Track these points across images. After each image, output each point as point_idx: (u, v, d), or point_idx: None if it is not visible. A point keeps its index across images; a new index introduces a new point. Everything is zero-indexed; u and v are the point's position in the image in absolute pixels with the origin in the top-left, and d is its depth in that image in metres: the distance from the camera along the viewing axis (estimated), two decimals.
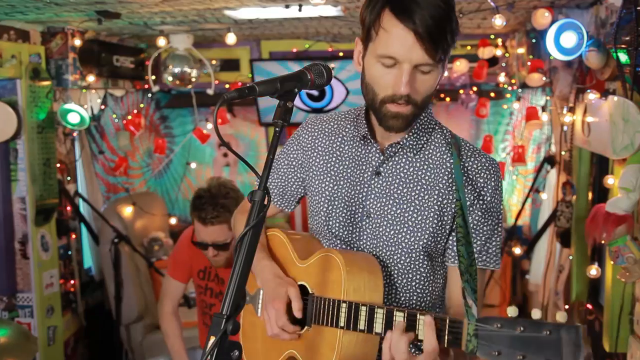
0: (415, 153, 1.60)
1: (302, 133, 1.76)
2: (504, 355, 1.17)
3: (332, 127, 1.73)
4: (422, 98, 1.48)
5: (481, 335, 1.21)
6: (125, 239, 4.03)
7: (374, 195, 1.62)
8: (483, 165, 1.58)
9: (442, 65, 1.46)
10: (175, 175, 5.39)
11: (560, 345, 1.11)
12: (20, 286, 3.74)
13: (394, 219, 1.60)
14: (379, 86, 1.48)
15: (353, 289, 1.51)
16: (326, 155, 1.70)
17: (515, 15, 3.55)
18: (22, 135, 3.62)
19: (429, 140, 1.62)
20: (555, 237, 3.72)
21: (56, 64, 3.87)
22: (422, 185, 1.59)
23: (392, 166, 1.61)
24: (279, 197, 1.82)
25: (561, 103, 3.51)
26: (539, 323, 1.14)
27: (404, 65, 1.42)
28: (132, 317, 4.18)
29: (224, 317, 1.27)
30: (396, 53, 1.42)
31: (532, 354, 1.14)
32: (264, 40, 4.64)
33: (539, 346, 1.14)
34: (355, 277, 1.52)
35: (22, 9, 3.16)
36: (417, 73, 1.44)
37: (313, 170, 1.72)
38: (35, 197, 3.68)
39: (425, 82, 1.46)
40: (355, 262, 1.55)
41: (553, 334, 1.12)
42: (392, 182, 1.60)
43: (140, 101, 4.91)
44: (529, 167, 4.63)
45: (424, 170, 1.60)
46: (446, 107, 4.96)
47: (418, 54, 1.40)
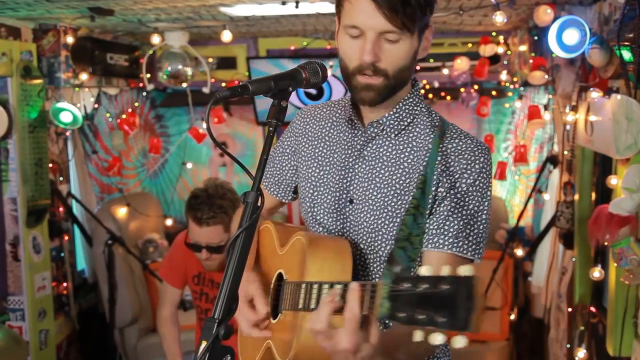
0: (397, 134, 1.56)
1: (295, 120, 1.77)
2: (408, 316, 1.07)
3: (324, 113, 1.72)
4: (394, 69, 1.46)
5: (393, 297, 1.11)
6: (119, 240, 3.96)
7: (358, 179, 1.58)
8: (468, 146, 1.52)
9: (416, 35, 1.45)
10: (170, 175, 5.32)
11: (456, 300, 1.01)
12: (11, 289, 3.67)
13: (374, 204, 1.55)
14: (348, 58, 1.49)
15: (316, 269, 1.45)
16: (315, 140, 1.69)
17: (517, 12, 3.49)
18: (13, 135, 3.55)
19: (413, 122, 1.57)
20: (557, 238, 3.66)
21: (48, 62, 3.80)
22: (403, 169, 1.55)
23: (375, 149, 1.57)
24: (276, 187, 1.81)
25: (564, 101, 3.44)
26: (439, 278, 1.04)
27: (367, 33, 1.43)
28: (126, 320, 4.11)
29: (215, 321, 1.25)
30: (358, 22, 1.43)
31: (433, 312, 1.03)
32: (261, 37, 4.58)
33: (439, 303, 1.03)
34: (319, 258, 1.47)
35: (12, 5, 3.10)
36: (384, 42, 1.44)
37: (302, 156, 1.71)
38: (27, 197, 3.61)
39: (393, 52, 1.45)
40: (321, 243, 1.50)
41: (450, 288, 1.02)
42: (374, 166, 1.57)
43: (134, 100, 4.84)
44: (531, 167, 4.56)
45: (406, 153, 1.56)
46: (447, 105, 4.90)
47: (379, 21, 1.41)
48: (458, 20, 3.84)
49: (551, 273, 3.85)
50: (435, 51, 4.46)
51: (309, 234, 1.54)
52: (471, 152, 1.51)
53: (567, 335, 3.54)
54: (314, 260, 1.46)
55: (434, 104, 4.65)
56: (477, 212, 1.51)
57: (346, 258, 1.48)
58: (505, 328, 4.14)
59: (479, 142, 1.55)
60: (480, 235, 1.52)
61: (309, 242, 1.49)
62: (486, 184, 1.52)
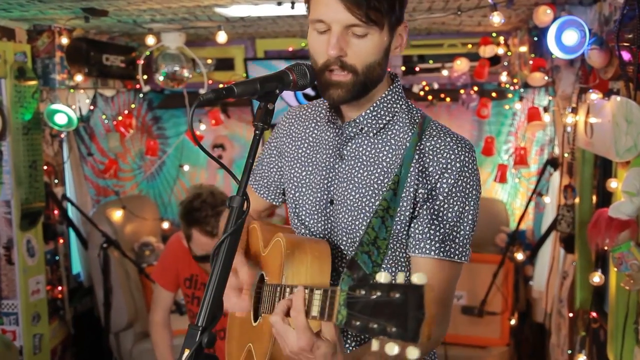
0: (375, 133, 1.52)
1: (281, 121, 1.74)
2: (362, 325, 1.03)
3: (308, 113, 1.68)
4: (362, 64, 1.42)
5: (350, 304, 1.06)
6: (114, 243, 3.93)
7: (338, 180, 1.55)
8: (447, 144, 1.45)
9: (386, 30, 1.41)
10: (168, 177, 5.28)
11: (406, 308, 0.97)
12: (5, 292, 3.63)
13: (353, 205, 1.52)
14: (316, 54, 1.45)
15: (292, 272, 1.43)
16: (298, 141, 1.66)
17: (517, 12, 3.45)
18: (7, 137, 3.52)
19: (392, 120, 1.52)
20: (558, 242, 3.60)
21: (43, 63, 3.77)
22: (381, 169, 1.50)
23: (354, 149, 1.54)
24: (265, 189, 1.78)
25: (564, 103, 3.39)
26: (391, 286, 1.00)
27: (333, 27, 1.39)
28: (122, 324, 4.07)
29: (199, 328, 1.23)
30: (323, 15, 1.39)
31: (385, 322, 0.99)
32: (259, 39, 4.54)
33: (391, 311, 0.99)
34: (295, 260, 1.43)
35: (5, 5, 3.07)
36: (351, 37, 1.40)
37: (286, 157, 1.68)
38: (21, 200, 3.58)
39: (361, 46, 1.40)
40: (298, 246, 1.46)
41: (402, 296, 0.98)
42: (353, 166, 1.53)
43: (131, 101, 4.80)
44: (532, 169, 4.51)
45: (385, 152, 1.51)
46: (447, 107, 4.85)
47: (343, 15, 1.36)
48: (457, 21, 3.80)
49: (552, 277, 3.79)
50: (435, 52, 4.42)
51: (287, 236, 1.49)
52: (450, 151, 1.45)
53: (568, 341, 3.49)
54: (291, 263, 1.43)
55: (433, 105, 4.60)
56: (463, 213, 1.45)
57: (324, 262, 1.45)
58: (506, 333, 4.08)
59: (460, 139, 1.48)
60: (466, 236, 1.47)
61: (286, 244, 1.45)
62: (470, 182, 1.46)
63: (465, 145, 1.47)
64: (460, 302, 4.09)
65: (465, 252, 1.47)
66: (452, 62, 4.19)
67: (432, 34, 4.35)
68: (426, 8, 3.30)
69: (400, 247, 1.51)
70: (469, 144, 1.49)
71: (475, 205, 1.48)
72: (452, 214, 1.44)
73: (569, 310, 3.47)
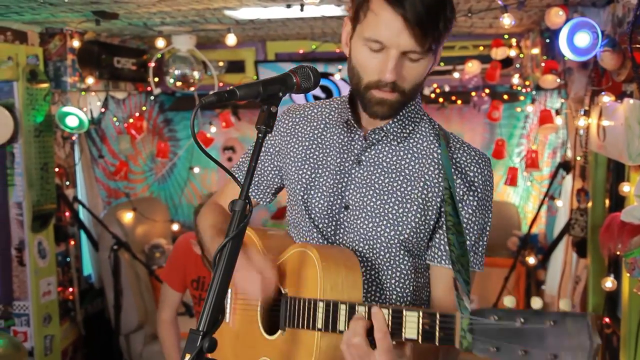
0: (399, 141, 1.51)
1: (281, 119, 1.68)
2: (503, 351, 1.03)
3: (315, 114, 1.65)
4: (411, 86, 1.42)
5: (477, 329, 1.07)
6: (124, 245, 3.94)
7: (354, 185, 1.52)
8: (472, 158, 1.48)
9: (433, 53, 1.40)
10: (179, 179, 5.29)
11: (567, 336, 0.97)
12: (17, 294, 3.66)
13: (373, 211, 1.49)
14: (365, 70, 1.41)
15: (330, 286, 1.39)
16: (306, 141, 1.62)
17: (529, 14, 3.42)
18: (19, 139, 3.55)
19: (415, 130, 1.53)
20: (571, 246, 3.56)
21: (55, 66, 3.79)
22: (405, 176, 1.49)
23: (374, 155, 1.52)
24: (254, 187, 1.74)
25: (576, 106, 3.35)
26: (541, 313, 1.00)
27: (391, 50, 1.35)
28: (132, 326, 4.08)
29: (200, 333, 1.22)
30: (383, 38, 1.35)
31: (535, 349, 0.99)
32: (269, 41, 4.54)
33: (543, 339, 0.99)
34: (332, 273, 1.40)
35: (17, 9, 3.08)
36: (406, 60, 1.38)
37: (290, 157, 1.64)
38: (32, 202, 3.61)
39: (413, 70, 1.40)
40: (331, 257, 1.43)
41: (558, 324, 0.98)
42: (373, 172, 1.51)
43: (143, 104, 4.82)
44: (544, 172, 4.46)
45: (408, 159, 1.50)
46: (459, 110, 4.82)
47: (406, 41, 1.34)
48: (468, 23, 3.77)
49: (564, 282, 3.75)
50: (446, 54, 4.39)
51: (315, 247, 1.46)
52: (476, 165, 1.48)
53: None
54: (328, 276, 1.40)
55: (445, 108, 4.58)
56: (484, 225, 1.49)
57: (356, 273, 1.43)
58: None
59: (481, 153, 1.52)
60: (485, 246, 1.50)
61: (320, 257, 1.42)
62: (490, 195, 1.50)
63: (487, 158, 1.51)
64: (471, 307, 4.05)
65: (482, 262, 1.50)
66: (464, 64, 4.16)
67: None
68: None
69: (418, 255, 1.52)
70: (488, 157, 1.53)
71: (491, 216, 1.52)
72: (477, 227, 1.46)
73: None
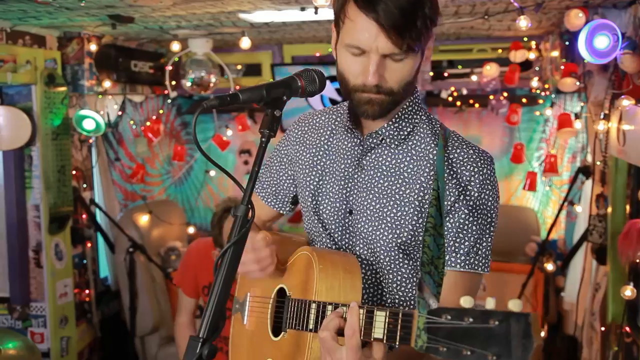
0: (397, 144, 1.50)
1: (292, 128, 1.70)
2: (452, 351, 1.02)
3: (322, 121, 1.66)
4: (398, 86, 1.41)
5: (432, 329, 1.06)
6: (140, 248, 3.95)
7: (357, 189, 1.53)
8: (470, 157, 1.45)
9: (417, 52, 1.39)
10: (196, 182, 5.30)
11: (509, 336, 0.96)
12: (34, 295, 3.69)
13: (373, 215, 1.50)
14: (350, 74, 1.42)
15: (326, 288, 1.41)
16: (313, 148, 1.63)
17: (548, 16, 3.36)
18: (36, 142, 3.58)
19: (413, 131, 1.51)
20: (590, 253, 3.48)
21: (72, 70, 3.83)
22: (403, 179, 1.49)
23: (374, 159, 1.52)
24: (273, 197, 1.75)
25: (596, 109, 3.28)
26: (488, 312, 0.99)
27: (371, 55, 1.36)
28: (147, 328, 4.09)
29: (199, 340, 1.22)
30: (362, 43, 1.36)
31: (479, 348, 0.98)
32: (286, 44, 4.53)
33: (487, 339, 0.98)
34: (329, 275, 1.42)
35: (34, 13, 3.11)
36: (389, 61, 1.37)
37: (300, 165, 1.65)
38: (49, 204, 3.64)
39: (398, 70, 1.39)
40: (329, 260, 1.45)
41: (502, 324, 0.97)
42: (373, 176, 1.51)
43: (160, 107, 4.84)
44: (564, 177, 4.38)
45: (406, 162, 1.49)
46: (478, 113, 4.76)
47: (384, 44, 1.34)
48: (486, 26, 3.72)
49: (583, 289, 3.67)
50: (464, 57, 4.34)
51: (316, 250, 1.48)
52: (473, 163, 1.45)
53: (601, 356, 3.37)
54: (324, 277, 1.41)
55: (462, 111, 4.52)
56: (486, 225, 1.46)
57: (356, 277, 1.44)
58: None
59: (481, 151, 1.48)
60: (488, 247, 1.47)
61: (318, 258, 1.44)
62: (491, 194, 1.46)
63: (487, 157, 1.47)
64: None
65: (487, 263, 1.47)
66: (482, 67, 4.10)
67: (461, 38, 4.27)
68: (453, 12, 3.24)
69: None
70: (489, 155, 1.49)
71: (495, 217, 1.47)
72: (476, 227, 1.44)
73: (601, 323, 3.35)
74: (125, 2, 2.84)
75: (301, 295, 1.46)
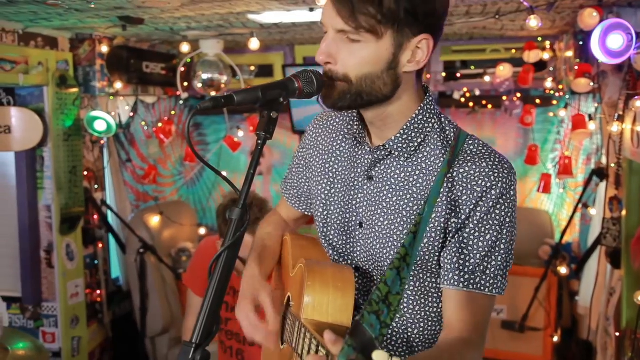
0: (407, 157, 1.41)
1: (308, 130, 1.66)
2: None
3: (336, 123, 1.59)
4: (356, 74, 1.32)
5: None
6: (151, 249, 3.95)
7: (367, 201, 1.46)
8: (482, 171, 1.33)
9: (388, 40, 1.29)
10: (208, 183, 5.30)
11: None
12: (46, 295, 3.72)
13: (381, 231, 1.43)
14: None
15: (312, 306, 1.36)
16: (325, 154, 1.57)
17: (562, 15, 3.30)
18: (48, 143, 3.61)
19: (424, 142, 1.41)
20: (605, 256, 3.42)
21: (84, 71, 3.85)
22: (412, 194, 1.40)
23: (383, 170, 1.44)
24: (296, 199, 1.73)
25: (610, 110, 3.22)
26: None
27: (328, 32, 1.34)
28: (157, 329, 4.09)
29: (192, 345, 1.21)
30: (322, 19, 1.36)
31: None
32: (297, 45, 4.51)
33: None
34: (317, 293, 1.37)
35: (45, 15, 3.13)
36: (346, 42, 1.31)
37: (313, 171, 1.60)
38: (61, 205, 3.66)
39: (354, 52, 1.31)
40: (321, 276, 1.39)
41: None
42: (382, 189, 1.44)
43: (172, 108, 4.85)
44: (579, 179, 4.31)
45: (415, 176, 1.40)
46: (492, 115, 4.70)
47: (334, 19, 1.30)
48: (499, 26, 3.67)
49: (597, 293, 3.60)
50: (477, 58, 4.29)
51: (309, 264, 1.42)
52: (486, 178, 1.33)
53: None
54: (311, 295, 1.36)
55: (476, 112, 4.47)
56: (495, 243, 1.34)
57: (347, 295, 1.37)
58: (549, 350, 3.90)
59: (497, 162, 1.35)
60: (499, 267, 1.35)
61: (308, 274, 1.38)
62: (505, 210, 1.34)
63: (504, 169, 1.34)
64: (500, 317, 3.94)
65: (498, 284, 1.35)
66: (495, 67, 4.05)
67: (474, 39, 4.22)
68: (464, 12, 3.19)
69: (430, 278, 1.42)
70: (507, 167, 1.36)
71: (509, 234, 1.36)
72: (483, 244, 1.34)
73: (616, 329, 3.28)
74: (134, 3, 2.85)
75: (297, 308, 1.44)
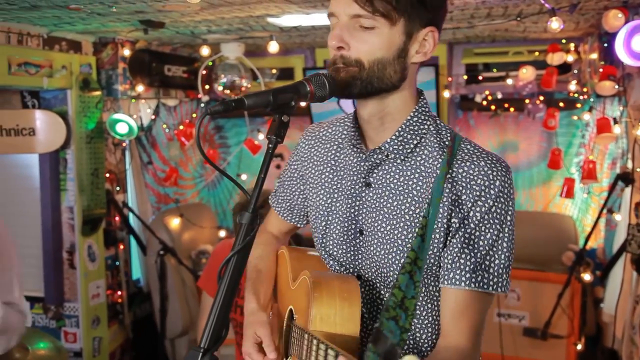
0: (403, 159, 1.41)
1: (300, 142, 1.64)
2: None
3: (329, 134, 1.58)
4: (369, 59, 1.32)
5: None
6: (171, 251, 3.98)
7: (366, 209, 1.45)
8: (481, 170, 1.34)
9: (400, 27, 1.31)
10: (228, 186, 5.32)
11: None
12: (68, 295, 3.76)
13: (384, 237, 1.41)
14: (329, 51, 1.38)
15: (320, 317, 1.35)
16: (321, 165, 1.56)
17: (586, 17, 3.25)
18: (71, 145, 3.66)
19: (420, 144, 1.41)
20: (630, 263, 3.34)
21: (107, 74, 3.89)
22: (412, 198, 1.39)
23: (381, 175, 1.43)
24: (288, 212, 1.70)
25: (636, 114, 3.15)
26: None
27: (340, 18, 1.33)
28: (177, 331, 4.11)
29: (200, 350, 1.19)
30: (332, 7, 1.35)
31: None
32: (318, 48, 4.50)
33: None
34: (324, 304, 1.35)
35: (68, 19, 3.17)
36: (358, 29, 1.32)
37: (310, 183, 1.58)
38: (83, 207, 3.70)
39: (367, 39, 1.32)
40: (326, 287, 1.38)
41: None
42: (382, 194, 1.42)
43: (194, 111, 4.88)
44: (604, 184, 4.22)
45: (414, 179, 1.40)
46: (515, 118, 4.64)
47: (350, 6, 1.30)
48: (521, 28, 3.62)
49: (622, 301, 3.52)
50: (499, 60, 4.24)
51: (314, 275, 1.41)
52: (485, 177, 1.34)
53: None
54: (318, 306, 1.35)
55: (498, 115, 4.41)
56: (497, 241, 1.34)
57: (354, 305, 1.36)
58: (572, 358, 3.82)
59: (494, 161, 1.36)
60: (502, 265, 1.34)
61: (313, 286, 1.37)
62: (505, 208, 1.34)
63: (501, 168, 1.35)
64: (522, 323, 3.87)
65: (501, 282, 1.34)
66: (517, 70, 3.99)
67: (496, 41, 4.18)
68: (485, 14, 3.16)
69: (435, 282, 1.41)
70: (504, 166, 1.37)
71: (511, 232, 1.36)
72: (485, 242, 1.33)
73: None
74: (155, 7, 2.87)
75: (303, 320, 1.42)
